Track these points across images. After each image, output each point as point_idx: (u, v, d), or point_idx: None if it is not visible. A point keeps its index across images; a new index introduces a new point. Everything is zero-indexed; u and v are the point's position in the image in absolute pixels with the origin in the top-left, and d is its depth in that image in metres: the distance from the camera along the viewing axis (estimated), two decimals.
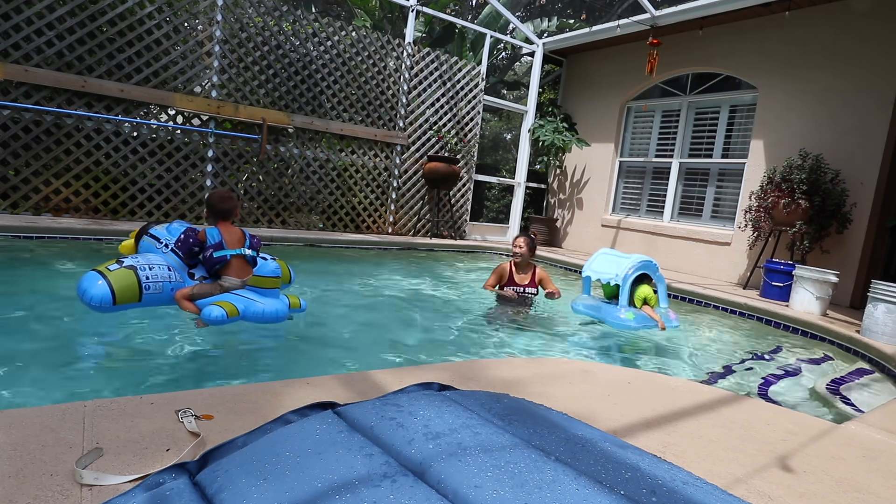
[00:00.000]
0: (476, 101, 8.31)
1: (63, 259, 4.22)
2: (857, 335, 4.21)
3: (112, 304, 2.67)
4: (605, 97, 8.82)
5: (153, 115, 6.10)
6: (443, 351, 3.24)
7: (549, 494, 1.06)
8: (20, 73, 5.02)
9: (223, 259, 3.00)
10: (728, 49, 7.11)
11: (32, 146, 5.23)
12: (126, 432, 1.41)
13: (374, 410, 1.41)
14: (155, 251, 3.05)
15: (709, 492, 1.21)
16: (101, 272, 2.71)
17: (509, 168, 10.04)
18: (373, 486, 1.05)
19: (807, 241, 5.67)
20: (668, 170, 7.99)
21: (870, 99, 5.79)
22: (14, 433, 1.34)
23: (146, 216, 5.93)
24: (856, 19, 5.94)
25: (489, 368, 2.33)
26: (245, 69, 6.33)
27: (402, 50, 7.50)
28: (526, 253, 4.34)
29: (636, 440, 1.74)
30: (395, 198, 7.74)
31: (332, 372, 2.05)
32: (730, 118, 7.31)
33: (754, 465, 1.68)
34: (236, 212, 3.17)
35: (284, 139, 6.70)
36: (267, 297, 3.09)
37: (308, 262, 5.48)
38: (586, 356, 3.44)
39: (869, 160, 5.77)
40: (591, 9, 13.83)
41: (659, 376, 2.59)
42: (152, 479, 1.17)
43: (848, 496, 1.57)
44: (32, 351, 2.44)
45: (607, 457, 1.28)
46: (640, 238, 8.14)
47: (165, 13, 5.71)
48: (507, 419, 1.45)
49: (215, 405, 1.63)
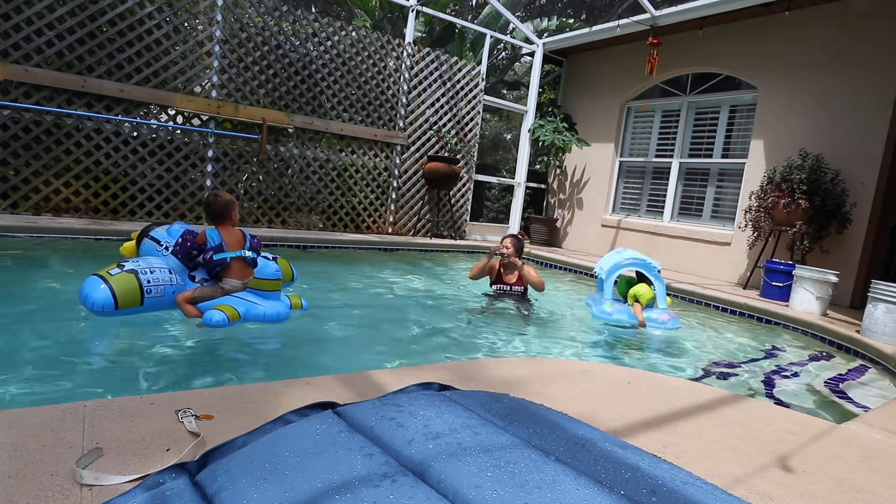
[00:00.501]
0: (476, 101, 8.31)
1: (63, 259, 4.22)
2: (857, 335, 4.21)
3: (114, 308, 2.66)
4: (605, 97, 8.82)
5: (153, 115, 6.10)
6: (443, 351, 3.24)
7: (549, 494, 1.06)
8: (20, 73, 5.02)
9: (223, 262, 2.99)
10: (728, 49, 7.11)
11: (32, 146, 5.23)
12: (126, 432, 1.41)
13: (374, 410, 1.41)
14: (155, 254, 3.05)
15: (709, 492, 1.21)
16: (103, 277, 2.69)
17: (509, 168, 10.04)
18: (373, 486, 1.05)
19: (807, 241, 5.67)
20: (668, 170, 7.99)
21: (870, 99, 5.79)
22: (14, 433, 1.34)
23: (146, 216, 5.93)
24: (856, 19, 5.94)
25: (489, 368, 2.33)
26: (245, 69, 6.33)
27: (402, 50, 7.50)
28: (513, 253, 4.42)
29: (636, 440, 1.74)
30: (395, 198, 7.74)
31: (332, 372, 2.05)
32: (730, 118, 7.31)
33: (754, 465, 1.68)
34: (234, 213, 3.15)
35: (284, 139, 6.70)
36: (268, 299, 3.08)
37: (308, 262, 5.48)
38: (586, 356, 3.44)
39: (869, 160, 5.77)
40: (591, 9, 13.84)
41: (659, 376, 2.59)
42: (152, 479, 1.17)
43: (848, 496, 1.57)
44: (33, 351, 2.44)
45: (607, 457, 1.28)
46: (640, 238, 8.14)
47: (165, 13, 5.71)
48: (507, 419, 1.45)
49: (215, 405, 1.63)
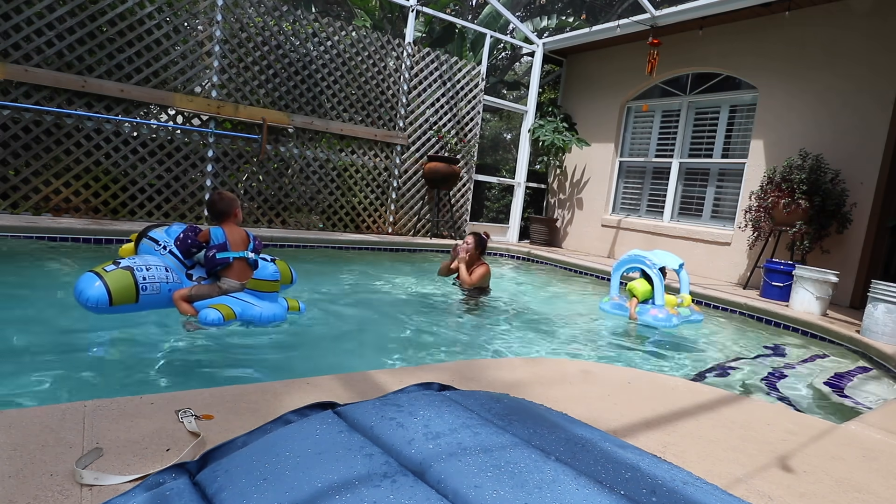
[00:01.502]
0: (476, 101, 8.31)
1: (63, 259, 4.21)
2: (857, 335, 4.21)
3: (108, 305, 2.66)
4: (605, 97, 8.82)
5: (153, 115, 6.10)
6: (443, 351, 3.24)
7: (549, 494, 1.06)
8: (20, 73, 5.02)
9: (226, 261, 2.99)
10: (728, 49, 7.11)
11: (32, 146, 5.23)
12: (126, 432, 1.41)
13: (374, 410, 1.41)
14: (153, 253, 3.05)
15: (709, 492, 1.20)
16: (98, 273, 2.70)
17: (509, 168, 10.04)
18: (373, 486, 1.05)
19: (807, 241, 5.67)
20: (668, 170, 7.99)
21: (870, 99, 5.79)
22: (14, 433, 1.34)
23: (146, 216, 5.93)
24: (856, 19, 5.94)
25: (489, 369, 2.33)
26: (245, 69, 6.33)
27: (402, 50, 7.50)
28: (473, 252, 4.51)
29: (636, 440, 1.74)
30: (395, 198, 7.74)
31: (332, 372, 2.05)
32: (730, 118, 7.30)
33: (754, 465, 1.68)
34: (237, 212, 3.15)
35: (284, 139, 6.70)
36: (265, 300, 3.08)
37: (308, 262, 5.48)
38: (586, 356, 3.44)
39: (869, 160, 5.77)
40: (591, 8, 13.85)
41: (659, 376, 2.59)
42: (152, 479, 1.17)
43: (848, 496, 1.57)
44: (33, 351, 2.44)
45: (607, 457, 1.28)
46: (640, 238, 8.14)
47: (165, 13, 5.70)
48: (507, 419, 1.45)
49: (215, 405, 1.63)
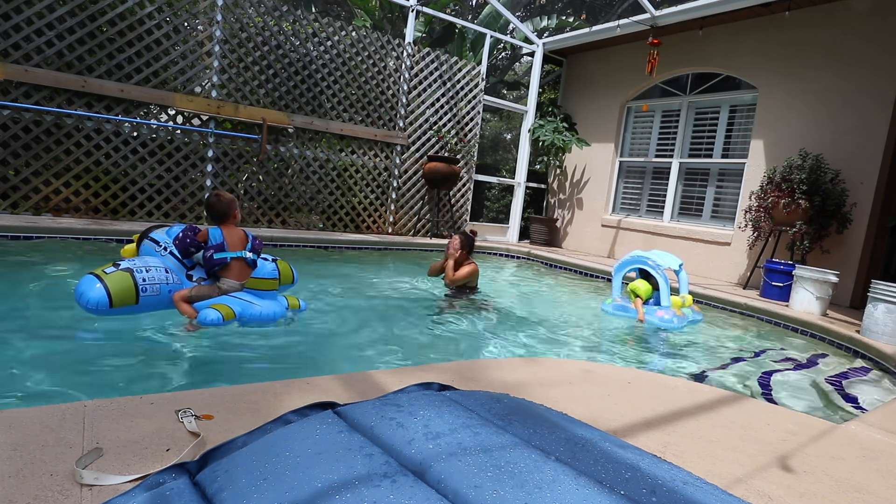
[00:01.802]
0: (476, 101, 8.31)
1: (63, 259, 4.21)
2: (857, 335, 4.21)
3: (109, 306, 2.66)
4: (605, 97, 8.82)
5: (153, 115, 6.10)
6: (443, 351, 3.24)
7: (549, 494, 1.06)
8: (20, 73, 5.02)
9: (223, 261, 2.99)
10: (728, 49, 7.11)
11: (32, 146, 5.23)
12: (126, 432, 1.41)
13: (374, 410, 1.41)
14: (154, 254, 3.05)
15: (709, 492, 1.20)
16: (98, 275, 2.69)
17: (509, 168, 10.04)
18: (373, 486, 1.05)
19: (807, 241, 5.67)
20: (668, 170, 7.99)
21: (870, 99, 5.79)
22: (14, 433, 1.34)
23: (146, 216, 5.93)
24: (856, 19, 5.94)
25: (489, 369, 2.33)
26: (245, 69, 6.33)
27: (402, 50, 7.50)
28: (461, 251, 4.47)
29: (636, 440, 1.74)
30: (395, 198, 7.74)
31: (332, 372, 2.05)
32: (730, 118, 7.30)
33: (754, 465, 1.68)
34: (236, 212, 3.14)
35: (284, 139, 6.70)
36: (264, 298, 3.08)
37: (308, 262, 5.48)
38: (586, 356, 3.44)
39: (869, 160, 5.77)
40: (591, 8, 13.85)
41: (659, 376, 2.59)
42: (152, 479, 1.17)
43: (848, 496, 1.57)
44: (32, 351, 2.44)
45: (607, 457, 1.28)
46: (640, 238, 8.14)
47: (165, 13, 5.70)
48: (507, 419, 1.45)
49: (215, 405, 1.63)
